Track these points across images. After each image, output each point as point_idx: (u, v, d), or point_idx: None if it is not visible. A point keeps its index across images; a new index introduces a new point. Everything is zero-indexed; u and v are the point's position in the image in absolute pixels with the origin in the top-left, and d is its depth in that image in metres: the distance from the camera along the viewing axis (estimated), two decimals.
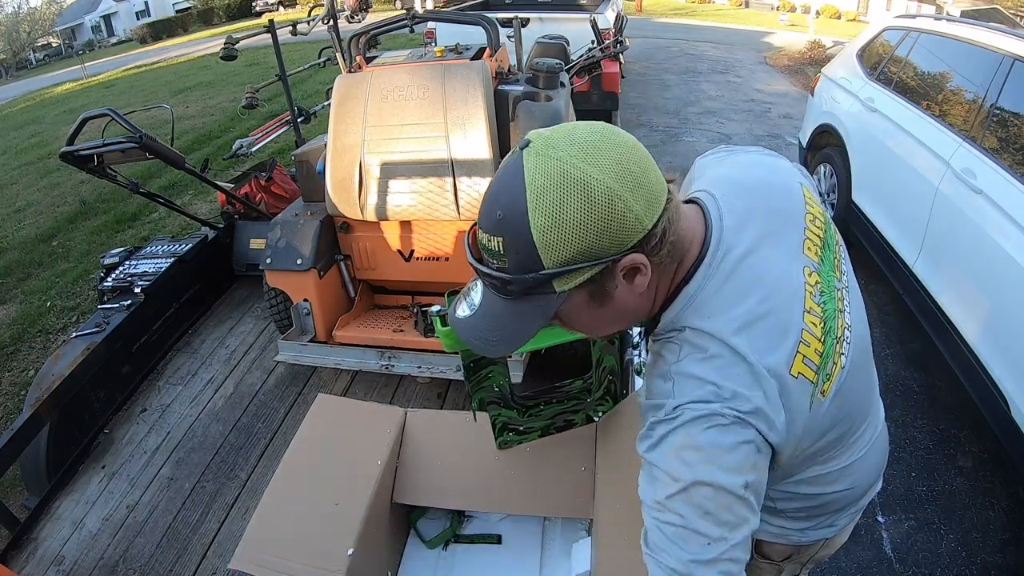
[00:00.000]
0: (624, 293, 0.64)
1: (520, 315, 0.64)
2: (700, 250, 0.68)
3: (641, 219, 0.59)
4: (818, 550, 1.03)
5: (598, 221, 0.57)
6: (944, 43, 2.89)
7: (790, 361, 0.64)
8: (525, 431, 1.31)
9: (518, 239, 0.58)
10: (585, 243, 0.58)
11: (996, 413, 2.03)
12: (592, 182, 0.57)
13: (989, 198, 2.16)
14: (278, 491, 1.22)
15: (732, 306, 0.65)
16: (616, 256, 0.60)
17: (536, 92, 2.21)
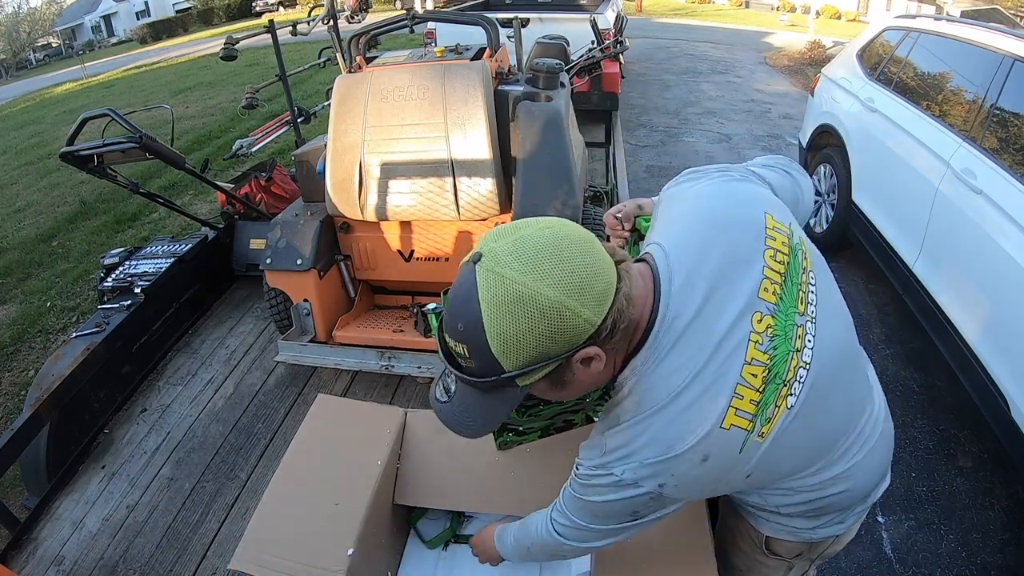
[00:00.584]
0: (582, 375, 0.71)
1: (489, 405, 0.73)
2: (650, 316, 0.73)
3: (590, 319, 0.65)
4: (828, 546, 1.03)
5: (549, 331, 0.64)
6: (944, 43, 2.89)
7: (721, 418, 0.70)
8: (525, 431, 1.30)
9: (479, 348, 0.65)
10: (539, 350, 0.65)
11: (996, 413, 2.03)
12: (539, 297, 0.63)
13: (989, 198, 2.16)
14: (278, 491, 1.22)
15: (668, 385, 0.72)
16: (570, 353, 0.66)
17: (536, 92, 2.21)
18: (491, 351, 0.65)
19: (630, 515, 0.79)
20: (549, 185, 2.04)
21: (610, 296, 0.67)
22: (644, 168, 5.29)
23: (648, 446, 0.72)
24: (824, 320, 0.79)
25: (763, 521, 0.99)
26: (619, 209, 1.08)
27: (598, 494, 0.78)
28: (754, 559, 1.06)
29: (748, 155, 5.49)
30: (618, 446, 0.75)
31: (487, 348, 0.65)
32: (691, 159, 5.47)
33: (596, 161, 4.47)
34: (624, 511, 0.79)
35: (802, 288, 0.78)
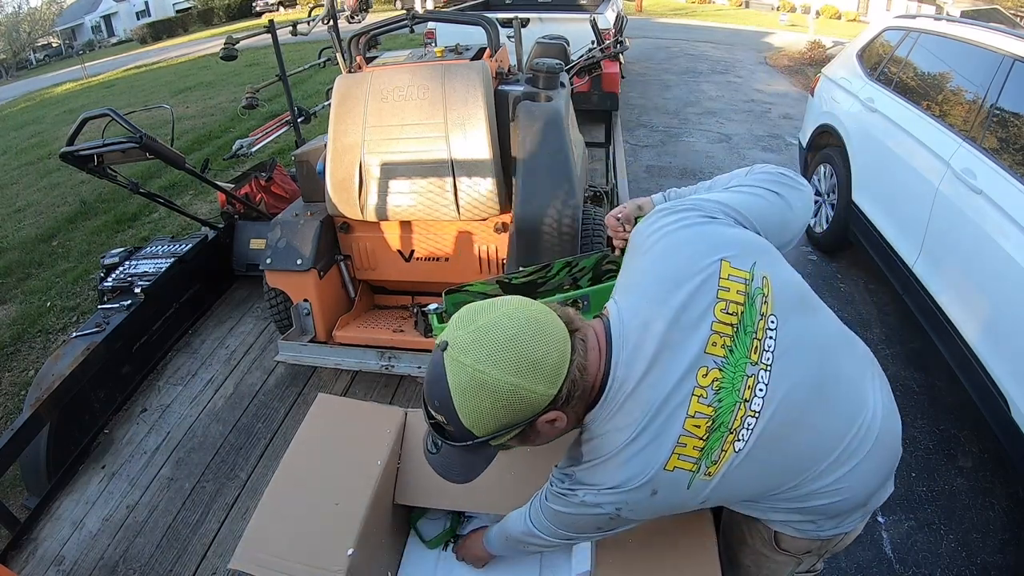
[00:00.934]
0: (547, 431, 0.81)
1: (469, 460, 0.85)
2: (603, 377, 0.82)
3: (546, 393, 0.76)
4: (837, 543, 1.04)
5: (508, 407, 0.75)
6: (944, 43, 2.89)
7: (665, 462, 0.79)
8: None
9: (452, 420, 0.77)
10: (503, 421, 0.76)
11: (996, 413, 2.03)
12: (497, 383, 0.74)
13: (989, 198, 2.16)
14: (278, 491, 1.22)
15: (619, 436, 0.81)
16: (532, 419, 0.78)
17: (536, 92, 2.21)
18: (462, 423, 0.76)
19: (594, 529, 0.92)
20: (549, 185, 2.04)
21: (563, 370, 0.77)
22: (644, 168, 5.29)
23: (604, 481, 0.83)
24: (788, 361, 0.83)
25: (771, 519, 0.99)
26: (620, 211, 1.10)
27: (566, 507, 0.90)
28: (763, 555, 1.07)
29: (748, 155, 5.49)
30: (580, 477, 0.87)
31: (459, 421, 0.76)
32: (691, 159, 5.47)
33: (596, 161, 4.47)
34: (588, 525, 0.91)
35: (757, 336, 0.82)
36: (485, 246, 2.30)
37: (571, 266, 1.13)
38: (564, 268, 1.13)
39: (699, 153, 5.61)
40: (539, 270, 1.11)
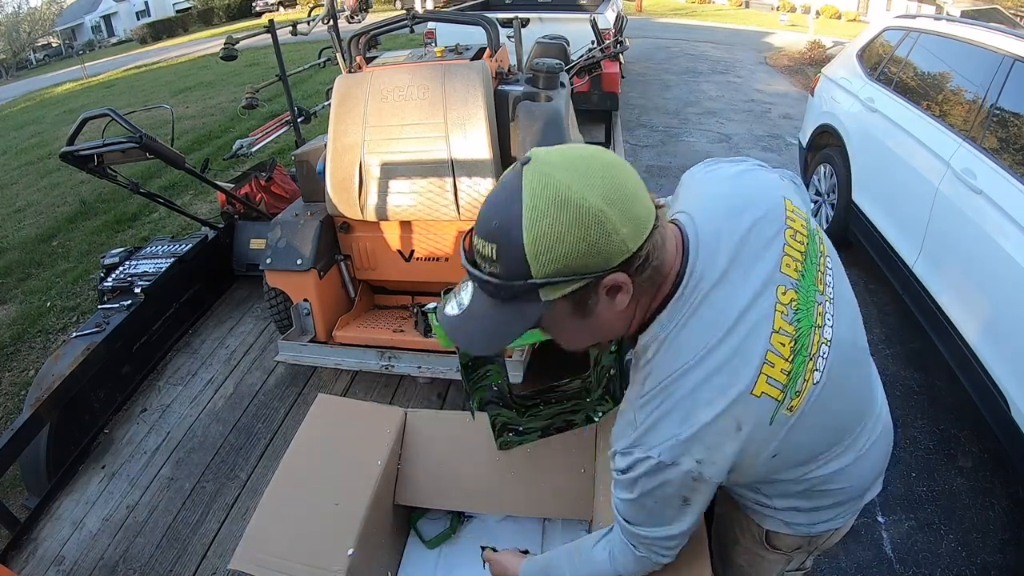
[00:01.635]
0: (605, 309, 0.69)
1: (505, 318, 0.68)
2: (677, 277, 0.73)
3: (627, 241, 0.64)
4: (826, 540, 1.04)
5: (586, 240, 0.62)
6: (944, 43, 2.89)
7: (752, 383, 0.70)
8: (525, 432, 1.31)
9: (510, 248, 0.63)
10: (572, 259, 0.62)
11: (996, 413, 2.03)
12: (584, 204, 0.61)
13: (989, 198, 2.16)
14: (278, 491, 1.22)
15: (695, 345, 0.71)
16: (600, 274, 0.64)
17: (536, 92, 2.21)
18: (523, 251, 0.62)
19: (681, 501, 0.76)
20: None
21: (648, 227, 0.66)
22: (644, 168, 5.29)
23: (678, 412, 0.70)
24: (841, 304, 0.81)
25: (762, 516, 1.00)
26: None
27: (644, 485, 0.75)
28: (755, 554, 1.07)
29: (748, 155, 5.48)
30: (648, 417, 0.72)
31: (520, 248, 0.62)
32: (691, 159, 5.47)
33: None
34: (674, 497, 0.76)
35: (820, 269, 0.78)
36: None
37: None
38: None
39: (699, 153, 5.61)
40: None
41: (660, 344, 0.73)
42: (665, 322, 0.73)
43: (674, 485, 0.73)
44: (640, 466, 0.73)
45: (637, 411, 0.74)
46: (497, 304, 0.68)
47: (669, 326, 0.72)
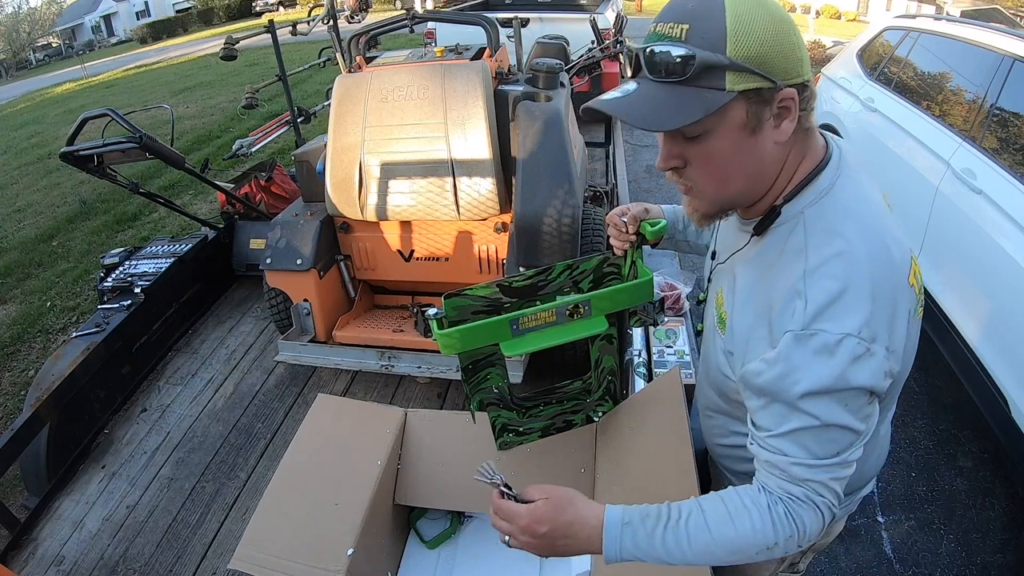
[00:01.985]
0: (769, 135, 0.68)
1: (683, 99, 0.65)
2: (824, 157, 0.73)
3: (804, 63, 0.67)
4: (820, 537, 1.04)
5: (781, 37, 0.64)
6: (944, 43, 2.89)
7: (907, 272, 0.70)
8: (525, 432, 1.31)
9: (709, 24, 0.63)
10: (765, 49, 0.63)
11: (996, 413, 2.03)
12: (776, 9, 0.65)
13: (989, 198, 2.16)
14: (278, 491, 1.22)
15: (861, 217, 0.70)
16: (781, 85, 0.65)
17: (536, 92, 2.21)
18: (724, 25, 0.62)
19: (868, 397, 0.68)
20: (549, 185, 2.04)
21: (810, 72, 0.69)
22: (644, 168, 5.29)
23: (860, 286, 0.65)
24: None
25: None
26: (623, 211, 1.04)
27: (842, 375, 0.65)
28: None
29: None
30: (825, 292, 0.66)
31: (721, 25, 0.62)
32: None
33: (596, 161, 4.47)
34: (862, 394, 0.67)
35: None
36: (485, 246, 2.30)
37: (572, 269, 1.13)
38: (565, 271, 1.12)
39: None
40: (540, 273, 1.11)
41: (818, 210, 0.70)
42: (824, 186, 0.71)
43: (866, 373, 0.66)
44: (841, 349, 0.65)
45: (808, 284, 0.67)
46: (674, 87, 0.65)
47: (831, 191, 0.71)
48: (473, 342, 1.06)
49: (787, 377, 0.67)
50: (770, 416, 0.71)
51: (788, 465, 0.70)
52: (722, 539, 0.71)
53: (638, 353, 1.58)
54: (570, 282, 1.14)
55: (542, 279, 1.12)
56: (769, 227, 0.74)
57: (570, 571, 1.20)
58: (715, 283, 0.88)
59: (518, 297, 1.12)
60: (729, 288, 0.80)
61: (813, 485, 0.70)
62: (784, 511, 0.71)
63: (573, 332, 1.05)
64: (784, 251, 0.72)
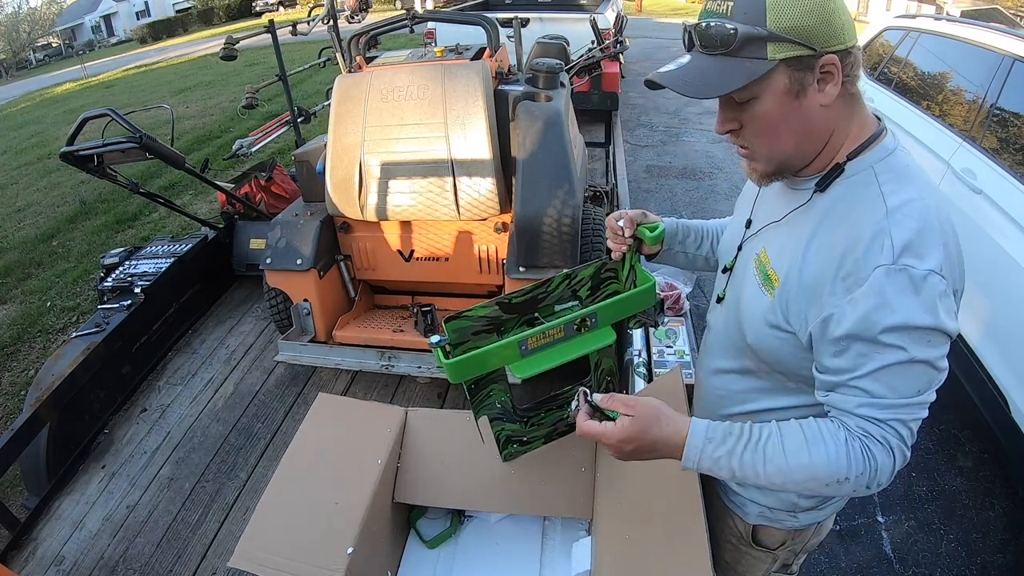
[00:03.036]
0: (813, 99, 0.72)
1: (728, 69, 0.71)
2: (878, 128, 0.77)
3: (846, 29, 0.70)
4: (810, 537, 1.06)
5: (821, 7, 0.68)
6: (944, 43, 2.89)
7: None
8: (529, 441, 1.30)
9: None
10: (804, 19, 0.68)
11: (996, 413, 2.03)
12: None
13: (989, 198, 2.16)
14: (278, 491, 1.22)
15: (920, 174, 0.75)
16: (821, 51, 0.69)
17: (536, 92, 2.21)
18: (765, 2, 0.68)
19: (946, 338, 0.73)
20: (549, 185, 2.04)
21: (855, 34, 0.72)
22: (644, 168, 5.29)
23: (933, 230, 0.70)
24: None
25: (746, 511, 1.04)
26: (621, 215, 1.05)
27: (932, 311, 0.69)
28: (741, 551, 1.10)
29: None
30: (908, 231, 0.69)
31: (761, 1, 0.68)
32: (691, 159, 5.47)
33: (596, 161, 4.48)
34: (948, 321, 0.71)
35: None
36: (485, 246, 2.30)
37: (570, 278, 1.12)
38: (563, 281, 1.12)
39: (699, 153, 5.61)
40: (539, 287, 1.10)
41: (886, 165, 0.75)
42: (890, 147, 0.76)
43: (947, 311, 0.71)
44: (927, 286, 0.68)
45: (892, 223, 0.70)
46: (721, 59, 0.71)
47: (895, 153, 0.76)
48: (482, 368, 1.04)
49: (879, 310, 0.69)
50: (851, 358, 0.72)
51: (869, 405, 0.73)
52: (796, 464, 0.75)
53: (638, 353, 1.58)
54: (569, 291, 1.13)
55: (541, 291, 1.11)
56: (833, 182, 0.77)
57: (570, 571, 1.20)
58: (751, 248, 0.90)
59: (518, 312, 1.11)
60: (782, 245, 0.82)
61: (892, 424, 0.73)
62: (860, 448, 0.73)
63: (582, 346, 1.04)
64: (859, 200, 0.74)
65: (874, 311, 0.69)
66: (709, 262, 1.15)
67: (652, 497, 1.07)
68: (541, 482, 1.27)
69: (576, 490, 1.25)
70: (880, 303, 0.69)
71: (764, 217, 0.89)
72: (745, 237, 0.93)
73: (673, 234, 1.12)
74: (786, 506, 0.99)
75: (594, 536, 1.18)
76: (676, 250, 1.14)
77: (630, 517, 1.07)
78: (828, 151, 0.77)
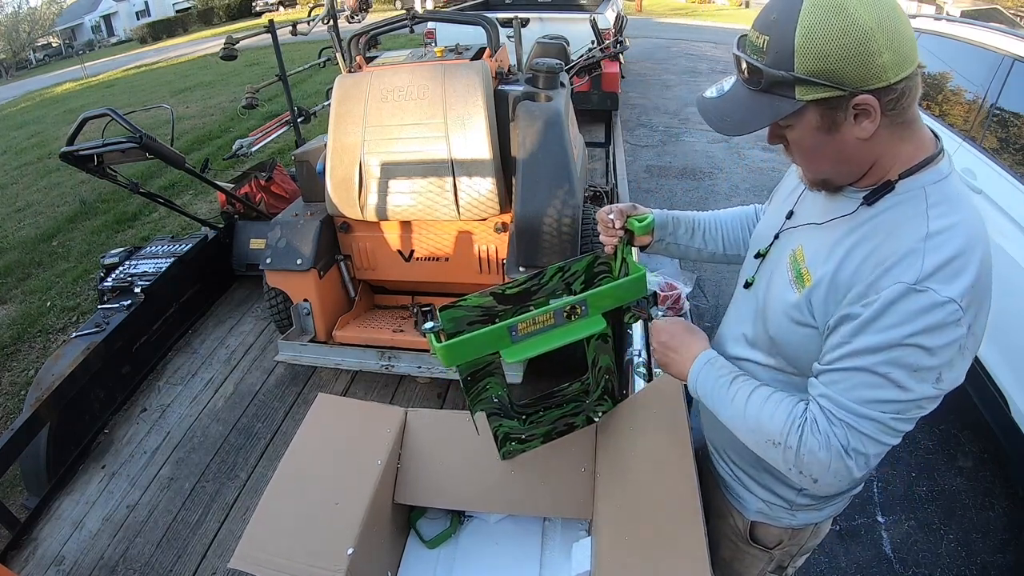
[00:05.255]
0: (849, 131, 0.72)
1: (757, 106, 0.74)
2: (935, 150, 0.76)
3: (887, 69, 0.68)
4: (807, 538, 1.08)
5: (850, 47, 0.66)
6: (944, 43, 2.89)
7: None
8: (527, 439, 1.31)
9: (782, 40, 0.69)
10: (833, 64, 0.67)
11: (996, 413, 2.03)
12: (858, 18, 0.66)
13: (989, 198, 2.16)
14: (278, 491, 1.22)
15: (971, 202, 0.75)
16: (853, 91, 0.68)
17: (536, 92, 2.21)
18: (793, 42, 0.68)
19: (935, 378, 0.72)
20: (549, 185, 2.04)
21: (909, 67, 0.69)
22: (644, 168, 5.29)
23: (971, 263, 0.70)
24: None
25: (745, 505, 1.06)
26: (611, 208, 1.09)
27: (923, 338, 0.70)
28: (739, 549, 1.12)
29: (748, 155, 5.48)
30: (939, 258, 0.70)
31: (790, 42, 0.68)
32: (691, 159, 5.47)
33: (596, 161, 4.48)
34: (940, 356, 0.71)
35: None
36: (485, 246, 2.30)
37: (563, 271, 1.13)
38: (557, 274, 1.13)
39: (699, 153, 5.61)
40: (532, 278, 1.11)
41: (939, 188, 0.74)
42: (945, 171, 0.75)
43: (946, 339, 0.70)
44: (942, 311, 0.69)
45: (928, 246, 0.71)
46: (753, 93, 0.74)
47: (949, 178, 0.75)
48: (474, 352, 1.05)
49: (878, 319, 0.72)
50: (839, 354, 0.76)
51: (828, 398, 0.78)
52: (749, 414, 0.85)
53: (638, 353, 1.58)
54: (562, 284, 1.14)
55: (535, 283, 1.12)
56: (881, 197, 0.77)
57: (570, 571, 1.20)
58: (788, 241, 0.91)
59: (513, 304, 1.12)
60: (818, 248, 0.83)
61: (840, 425, 0.76)
62: (802, 426, 0.79)
63: (572, 333, 1.06)
64: (904, 218, 0.75)
65: (880, 320, 0.71)
66: (702, 253, 1.17)
67: (652, 497, 1.07)
68: (541, 482, 1.27)
69: (576, 490, 1.25)
70: (888, 316, 0.71)
71: (806, 215, 0.90)
72: (784, 227, 0.93)
73: (663, 225, 1.14)
74: (784, 503, 1.01)
75: (594, 536, 1.18)
76: (667, 241, 1.15)
77: (630, 517, 1.08)
78: (876, 171, 0.78)
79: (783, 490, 1.00)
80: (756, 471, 1.02)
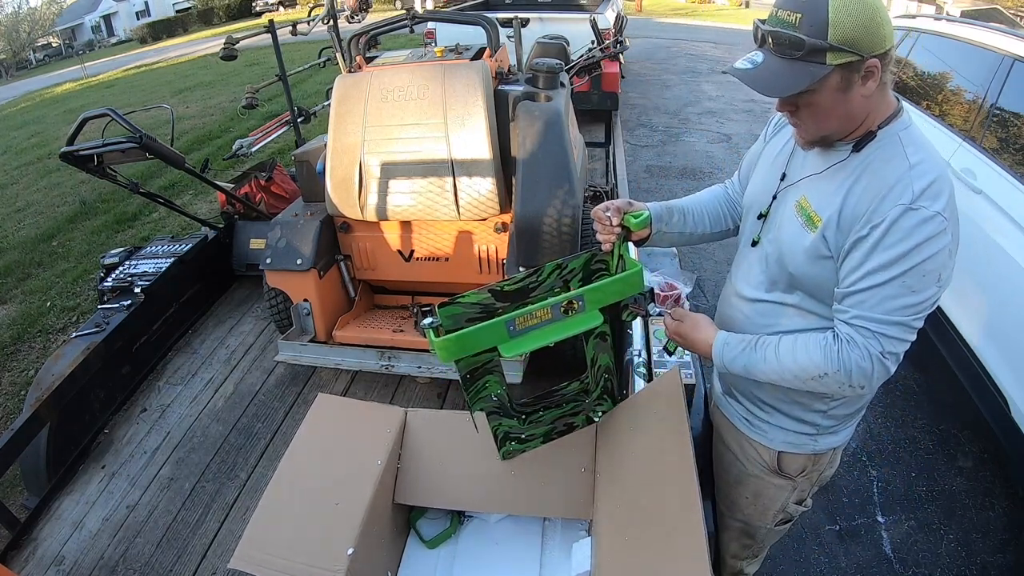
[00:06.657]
0: (857, 91, 0.89)
1: (794, 71, 0.88)
2: (899, 106, 0.96)
3: (887, 38, 0.86)
4: (826, 464, 1.19)
5: (871, 20, 0.84)
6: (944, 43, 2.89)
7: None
8: (527, 439, 1.30)
9: (815, 14, 0.84)
10: (858, 32, 0.84)
11: (996, 413, 2.03)
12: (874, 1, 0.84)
13: (989, 198, 2.16)
14: (278, 491, 1.22)
15: (929, 142, 0.94)
16: (867, 56, 0.85)
17: (536, 92, 2.21)
18: (827, 16, 0.83)
19: (936, 279, 0.89)
20: (549, 185, 2.04)
21: (893, 42, 0.89)
22: (644, 168, 5.29)
23: (944, 186, 0.88)
24: None
25: (774, 438, 1.17)
26: (607, 205, 1.14)
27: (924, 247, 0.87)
28: (764, 481, 1.21)
29: None
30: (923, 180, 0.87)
31: (824, 16, 0.83)
32: (691, 159, 5.47)
33: (596, 161, 4.48)
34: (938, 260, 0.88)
35: None
36: (485, 246, 2.30)
37: (561, 268, 1.14)
38: (554, 271, 1.13)
39: (699, 153, 5.61)
40: (530, 275, 1.12)
41: (907, 134, 0.93)
42: (907, 122, 0.94)
43: (940, 246, 0.87)
44: (933, 223, 0.86)
45: (913, 176, 0.88)
46: (787, 62, 0.88)
47: (911, 127, 0.94)
48: (471, 347, 1.06)
49: (886, 237, 0.88)
50: (862, 271, 0.91)
51: (860, 317, 0.92)
52: (787, 362, 1.00)
53: (638, 353, 1.58)
54: (560, 282, 1.15)
55: (532, 281, 1.12)
56: (867, 144, 0.94)
57: (570, 571, 1.20)
58: (789, 197, 1.06)
59: (511, 301, 1.12)
60: (822, 192, 0.98)
61: (877, 336, 0.92)
62: (839, 350, 0.95)
63: (569, 328, 1.07)
64: (888, 157, 0.92)
65: (887, 238, 0.88)
66: (693, 236, 1.30)
67: (652, 497, 1.07)
68: (541, 483, 1.27)
69: (576, 490, 1.25)
70: (894, 234, 0.87)
71: (801, 172, 1.05)
72: (780, 188, 1.08)
73: (659, 217, 1.23)
74: (811, 428, 1.13)
75: (594, 536, 1.18)
76: (664, 232, 1.25)
77: (630, 517, 1.07)
78: (863, 126, 0.95)
79: (811, 416, 1.12)
80: (787, 404, 1.13)
